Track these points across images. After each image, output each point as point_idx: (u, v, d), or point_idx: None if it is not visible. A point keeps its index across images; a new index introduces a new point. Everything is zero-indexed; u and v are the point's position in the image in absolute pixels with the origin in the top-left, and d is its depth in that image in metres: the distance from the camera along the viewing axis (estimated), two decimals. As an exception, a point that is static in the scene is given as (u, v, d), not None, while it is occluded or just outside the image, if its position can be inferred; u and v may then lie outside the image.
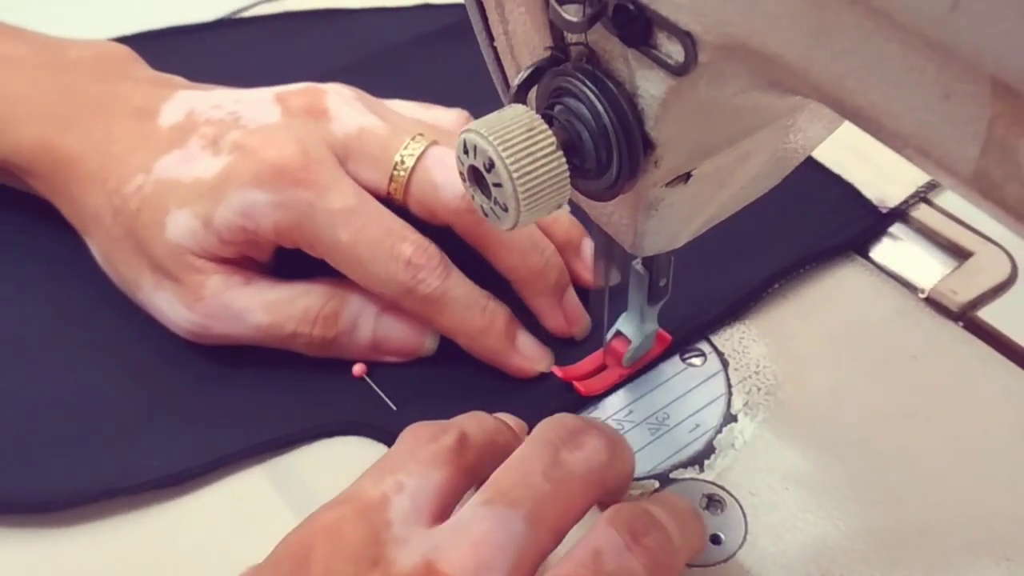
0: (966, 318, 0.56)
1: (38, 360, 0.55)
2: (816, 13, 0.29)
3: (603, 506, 0.42)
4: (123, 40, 0.72)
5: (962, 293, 0.57)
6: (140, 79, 0.59)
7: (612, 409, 0.53)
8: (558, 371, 0.54)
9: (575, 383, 0.54)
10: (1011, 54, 0.24)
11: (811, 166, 0.62)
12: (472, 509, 0.39)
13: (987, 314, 0.56)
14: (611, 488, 0.43)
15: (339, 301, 0.53)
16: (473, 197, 0.39)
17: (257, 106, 0.55)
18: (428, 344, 0.54)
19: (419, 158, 0.53)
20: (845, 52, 0.29)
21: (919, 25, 0.26)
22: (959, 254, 0.60)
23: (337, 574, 0.38)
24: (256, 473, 0.51)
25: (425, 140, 0.53)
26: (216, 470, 0.51)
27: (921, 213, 0.61)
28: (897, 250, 0.60)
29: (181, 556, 0.48)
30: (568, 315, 0.55)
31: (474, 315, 0.53)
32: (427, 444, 0.42)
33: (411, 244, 0.51)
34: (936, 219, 0.61)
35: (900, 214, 0.61)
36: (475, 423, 0.44)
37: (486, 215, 0.39)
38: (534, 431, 0.43)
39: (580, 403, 0.54)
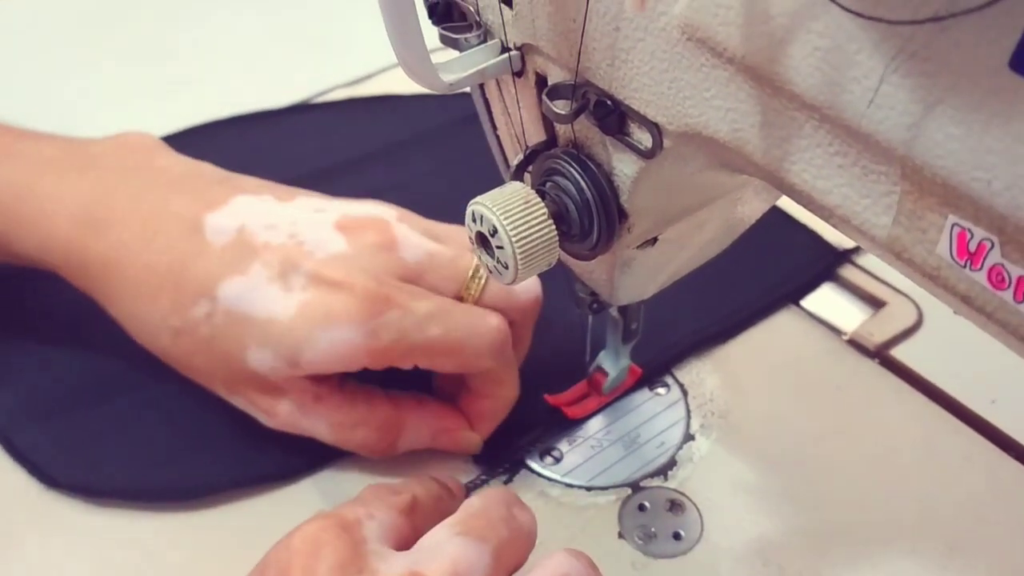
0: (881, 356, 0.56)
1: (147, 384, 0.53)
2: (759, 107, 0.29)
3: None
4: (206, 126, 0.73)
5: (877, 335, 0.57)
6: (169, 171, 0.51)
7: (593, 429, 0.53)
8: (549, 398, 0.53)
9: (563, 408, 0.53)
10: (917, 141, 0.24)
11: (780, 216, 0.62)
12: (447, 536, 0.37)
13: (898, 353, 0.56)
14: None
15: (395, 433, 0.49)
16: (479, 257, 0.39)
17: (319, 233, 0.47)
18: (473, 450, 0.51)
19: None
20: (782, 140, 0.29)
21: (843, 117, 0.26)
22: (875, 303, 0.59)
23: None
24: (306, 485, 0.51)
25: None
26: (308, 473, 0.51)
27: (844, 270, 0.61)
28: (825, 300, 0.60)
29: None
30: (479, 428, 0.52)
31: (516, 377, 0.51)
32: (389, 496, 0.41)
33: (494, 316, 0.48)
34: (856, 275, 0.61)
35: (840, 258, 0.62)
36: (423, 489, 0.43)
37: (491, 272, 0.39)
38: (487, 492, 0.41)
39: (567, 424, 0.53)
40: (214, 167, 0.52)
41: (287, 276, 0.46)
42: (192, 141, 0.72)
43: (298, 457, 0.51)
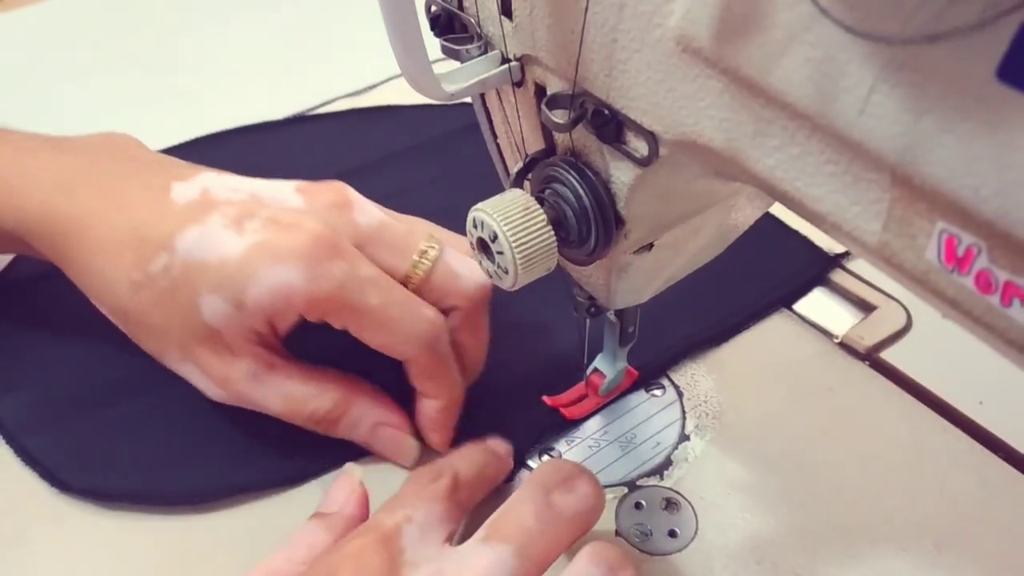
0: (871, 359, 0.56)
1: (156, 389, 0.53)
2: (752, 117, 0.29)
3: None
4: (211, 137, 0.73)
5: (868, 338, 0.57)
6: (147, 160, 0.52)
7: (591, 430, 0.53)
8: (548, 400, 0.53)
9: (561, 409, 0.53)
10: (906, 150, 0.24)
11: (773, 222, 0.62)
12: (472, 544, 0.39)
13: (888, 355, 0.56)
14: (588, 528, 0.42)
15: (343, 410, 0.49)
16: (480, 263, 0.39)
17: (278, 193, 0.48)
18: (407, 463, 0.50)
19: (441, 251, 0.49)
20: (775, 148, 0.29)
21: (834, 126, 0.26)
22: (865, 307, 0.59)
23: None
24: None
25: (438, 241, 0.49)
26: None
27: (835, 275, 0.61)
28: (816, 304, 0.60)
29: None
30: (437, 429, 0.51)
31: (457, 378, 0.51)
32: (428, 485, 0.42)
33: (431, 310, 0.47)
34: (847, 279, 0.61)
35: (832, 263, 0.62)
36: (465, 462, 0.44)
37: (491, 277, 0.39)
38: (533, 474, 0.42)
39: (565, 425, 0.53)
40: (186, 162, 0.53)
41: (242, 222, 0.46)
42: (197, 151, 0.72)
43: (305, 460, 0.51)
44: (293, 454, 0.51)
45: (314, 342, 0.49)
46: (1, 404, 0.54)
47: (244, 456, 0.51)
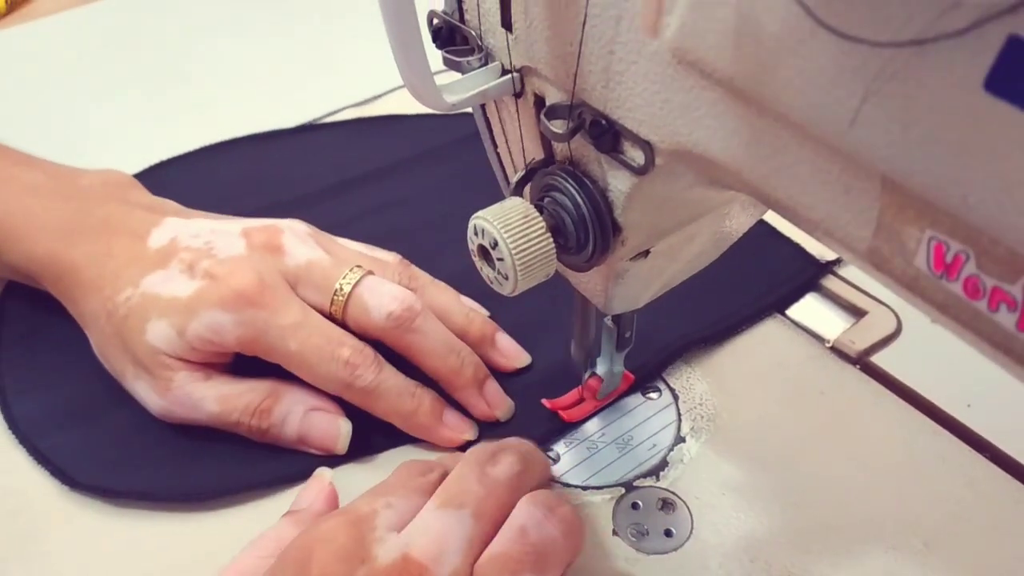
0: (862, 363, 0.56)
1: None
2: (745, 126, 0.29)
3: None
4: (221, 144, 0.74)
5: (859, 343, 0.57)
6: (136, 204, 0.57)
7: (588, 432, 0.53)
8: (547, 403, 0.53)
9: (560, 412, 0.53)
10: (896, 159, 0.24)
11: (766, 229, 0.62)
12: (430, 512, 0.41)
13: (878, 360, 0.56)
14: (530, 487, 0.44)
15: (274, 399, 0.51)
16: (481, 269, 0.39)
17: (227, 238, 0.53)
18: (340, 443, 0.51)
19: (355, 285, 0.51)
20: (768, 157, 0.29)
21: (826, 136, 0.26)
22: (856, 312, 0.59)
23: (331, 572, 0.38)
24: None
25: (361, 271, 0.52)
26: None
27: (827, 280, 0.61)
28: (808, 309, 0.60)
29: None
30: (490, 402, 0.53)
31: (404, 401, 0.51)
32: (416, 477, 0.43)
33: (349, 348, 0.50)
34: (838, 285, 0.61)
35: (823, 269, 0.62)
36: (454, 462, 0.45)
37: (491, 283, 0.39)
38: (464, 455, 0.44)
39: (564, 428, 0.53)
40: (175, 204, 0.58)
41: (192, 268, 0.51)
42: (207, 157, 0.73)
43: (311, 458, 0.51)
44: (300, 452, 0.51)
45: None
46: (15, 406, 0.54)
47: (252, 455, 0.51)
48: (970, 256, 0.24)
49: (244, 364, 0.52)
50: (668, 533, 0.48)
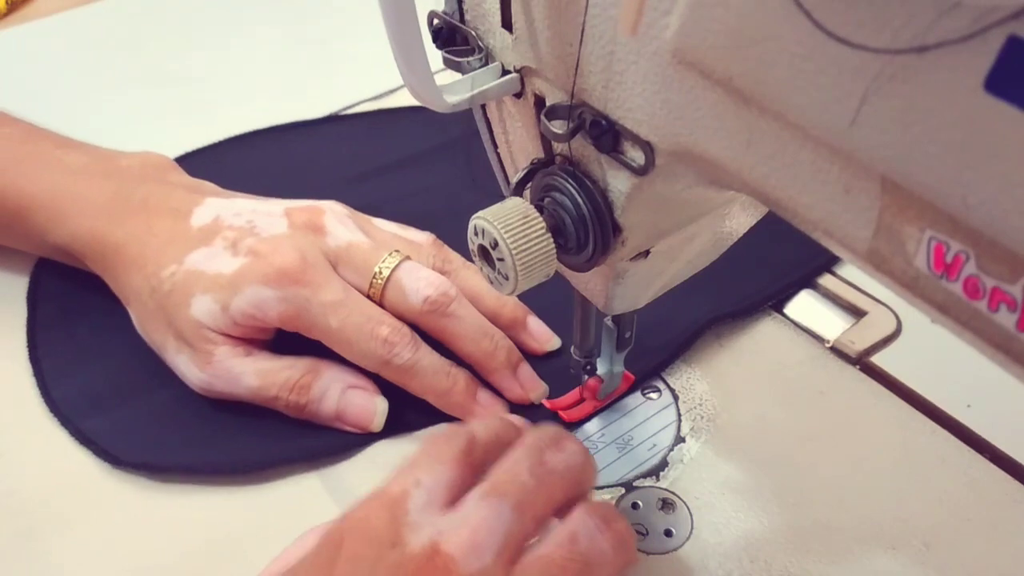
0: (862, 363, 0.56)
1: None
2: (745, 127, 0.29)
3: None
4: (246, 135, 0.76)
5: (858, 343, 0.57)
6: (176, 184, 0.59)
7: (589, 432, 0.53)
8: (547, 403, 0.53)
9: (560, 412, 0.53)
10: (895, 159, 0.24)
11: (766, 229, 0.62)
12: (471, 501, 0.39)
13: (878, 360, 0.56)
14: (584, 488, 0.43)
15: (314, 375, 0.52)
16: (481, 269, 0.39)
17: (269, 218, 0.54)
18: (377, 420, 0.52)
19: (393, 270, 0.52)
20: (768, 157, 0.29)
21: (825, 136, 0.26)
22: (856, 312, 0.59)
23: (363, 555, 0.38)
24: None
25: (399, 256, 0.53)
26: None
27: (826, 280, 0.61)
28: (808, 309, 0.60)
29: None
30: (523, 384, 0.54)
31: (440, 380, 0.52)
32: (442, 446, 0.42)
33: (387, 326, 0.51)
34: (838, 285, 0.61)
35: (823, 269, 0.62)
36: (482, 425, 0.44)
37: (492, 283, 0.39)
38: (525, 436, 0.43)
39: (565, 427, 0.53)
40: (213, 185, 0.60)
41: (236, 245, 0.53)
42: (234, 147, 0.75)
43: (350, 434, 0.52)
44: (338, 428, 0.53)
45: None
46: (56, 390, 0.55)
47: (290, 430, 0.53)
48: (970, 256, 0.24)
49: (283, 345, 0.53)
50: (668, 533, 0.48)
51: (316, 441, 0.52)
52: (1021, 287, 0.23)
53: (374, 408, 0.52)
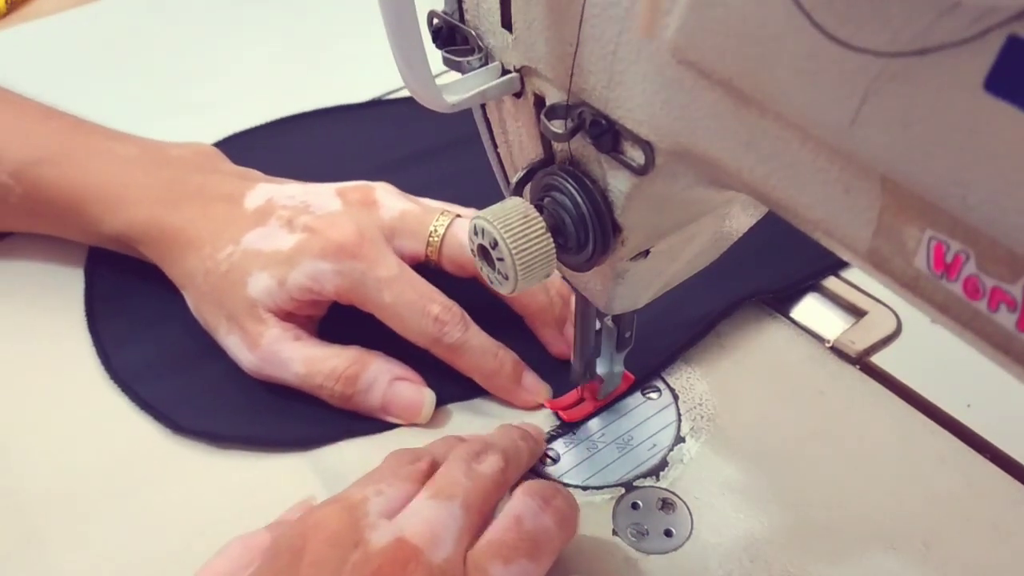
0: (862, 363, 0.56)
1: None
2: (745, 127, 0.29)
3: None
4: (293, 117, 0.78)
5: (859, 343, 0.57)
6: (226, 172, 0.60)
7: (589, 432, 0.53)
8: (548, 403, 0.53)
9: (560, 412, 0.53)
10: (896, 159, 0.24)
11: (766, 229, 0.62)
12: (422, 501, 0.41)
13: (878, 360, 0.56)
14: (514, 481, 0.46)
15: (361, 366, 0.53)
16: (481, 268, 0.39)
17: (322, 197, 0.55)
18: (425, 412, 0.53)
19: (448, 226, 0.54)
20: (768, 157, 0.29)
21: (825, 136, 0.26)
22: (856, 312, 0.59)
23: (325, 557, 0.38)
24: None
25: (451, 214, 0.55)
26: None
27: (826, 280, 0.61)
28: (809, 309, 0.60)
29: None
30: (569, 341, 0.55)
31: (488, 360, 0.53)
32: (405, 465, 0.44)
33: (439, 305, 0.52)
34: (838, 285, 0.61)
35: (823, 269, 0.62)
36: (444, 448, 0.46)
37: (491, 283, 0.39)
38: (450, 455, 0.45)
39: (565, 427, 0.53)
40: (260, 172, 0.61)
41: (292, 223, 0.54)
42: (280, 131, 0.76)
43: None
44: None
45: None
46: (115, 358, 0.57)
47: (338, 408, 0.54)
48: (970, 256, 0.24)
49: (332, 335, 0.55)
50: (668, 533, 0.48)
51: (365, 423, 0.53)
52: (1021, 287, 0.23)
53: (422, 400, 0.53)
